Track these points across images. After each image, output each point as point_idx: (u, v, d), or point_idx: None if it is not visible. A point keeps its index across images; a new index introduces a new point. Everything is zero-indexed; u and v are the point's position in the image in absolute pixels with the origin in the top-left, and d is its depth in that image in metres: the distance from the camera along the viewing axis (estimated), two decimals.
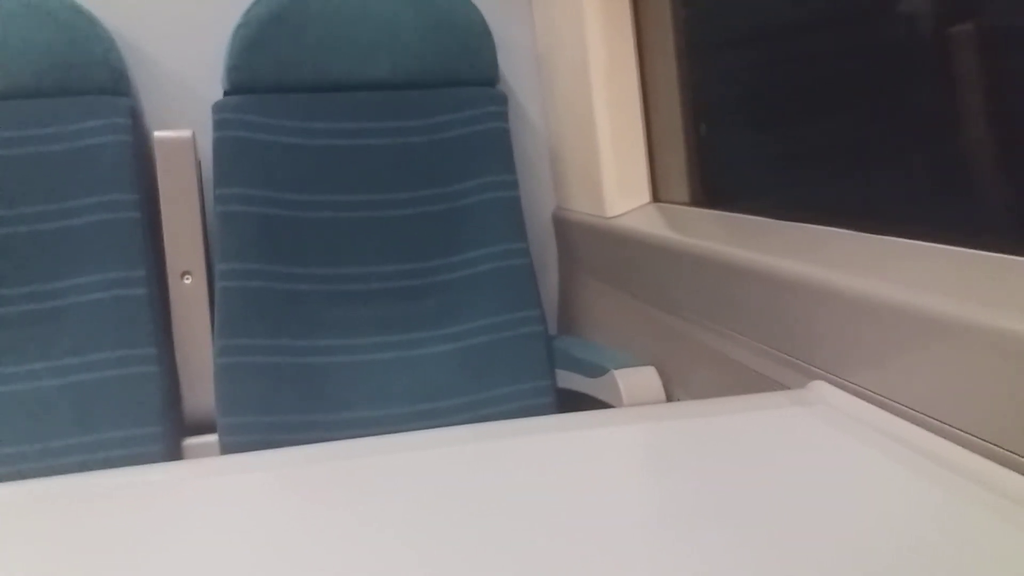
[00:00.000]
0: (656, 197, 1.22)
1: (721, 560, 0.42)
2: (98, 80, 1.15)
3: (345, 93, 1.22)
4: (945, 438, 0.55)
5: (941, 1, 0.74)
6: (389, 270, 1.19)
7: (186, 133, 1.16)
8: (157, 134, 1.16)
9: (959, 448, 0.54)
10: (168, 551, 0.47)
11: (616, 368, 1.01)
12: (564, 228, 1.37)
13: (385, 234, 1.20)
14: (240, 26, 1.19)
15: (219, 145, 1.15)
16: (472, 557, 0.44)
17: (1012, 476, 0.49)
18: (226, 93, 1.19)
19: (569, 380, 1.14)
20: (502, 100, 1.27)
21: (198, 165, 1.18)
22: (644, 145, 1.22)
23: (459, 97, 1.25)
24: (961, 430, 0.55)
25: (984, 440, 0.53)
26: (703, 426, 0.62)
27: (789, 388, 0.75)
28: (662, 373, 1.00)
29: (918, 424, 0.58)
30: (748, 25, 1.04)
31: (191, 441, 1.12)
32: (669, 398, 1.00)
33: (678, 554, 0.43)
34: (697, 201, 1.14)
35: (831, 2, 0.88)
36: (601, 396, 1.04)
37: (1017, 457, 0.51)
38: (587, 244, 1.28)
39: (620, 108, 1.20)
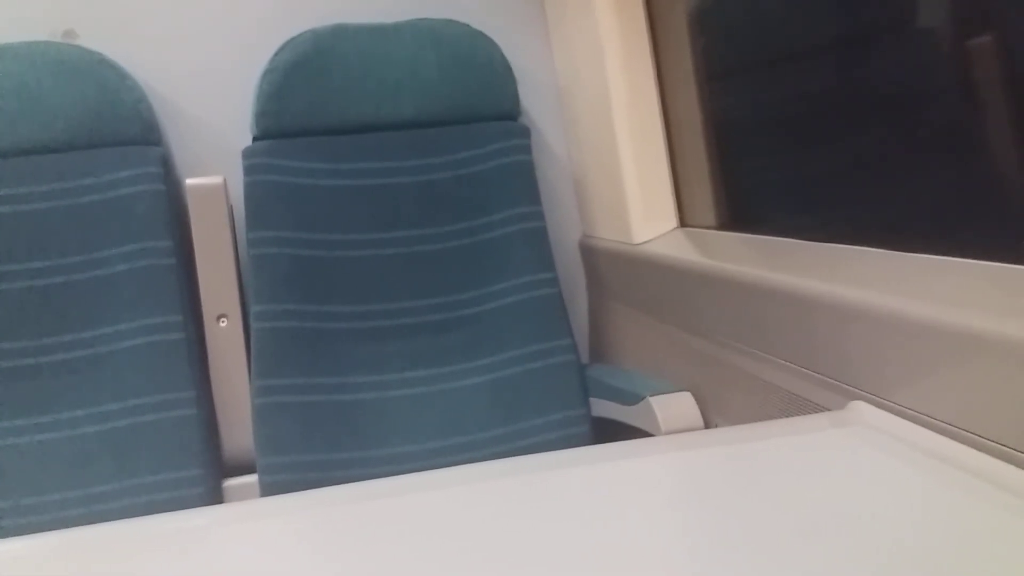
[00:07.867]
0: (683, 222, 1.22)
1: None
2: (130, 131, 1.18)
3: (371, 134, 1.24)
4: (988, 454, 0.55)
5: (960, 19, 0.74)
6: (420, 305, 1.20)
7: (217, 179, 1.19)
8: (189, 181, 1.18)
9: (1004, 464, 0.53)
10: None
11: (651, 395, 1.00)
12: (592, 256, 1.37)
13: (415, 270, 1.21)
14: (267, 72, 1.21)
15: (250, 189, 1.17)
16: None
17: None
18: (255, 138, 1.22)
19: (604, 408, 1.14)
20: (525, 133, 1.28)
21: (230, 210, 1.20)
22: (668, 171, 1.22)
23: (482, 132, 1.26)
24: (1004, 445, 0.54)
25: None
26: (745, 452, 0.62)
27: (827, 409, 0.74)
28: (698, 398, 1.00)
29: (959, 441, 0.57)
30: (766, 49, 1.04)
31: (231, 482, 1.13)
32: (706, 423, 0.99)
33: None
34: (724, 225, 1.14)
35: (846, 25, 0.88)
36: (638, 424, 1.04)
37: None
38: (615, 271, 1.28)
39: (643, 135, 1.21)
